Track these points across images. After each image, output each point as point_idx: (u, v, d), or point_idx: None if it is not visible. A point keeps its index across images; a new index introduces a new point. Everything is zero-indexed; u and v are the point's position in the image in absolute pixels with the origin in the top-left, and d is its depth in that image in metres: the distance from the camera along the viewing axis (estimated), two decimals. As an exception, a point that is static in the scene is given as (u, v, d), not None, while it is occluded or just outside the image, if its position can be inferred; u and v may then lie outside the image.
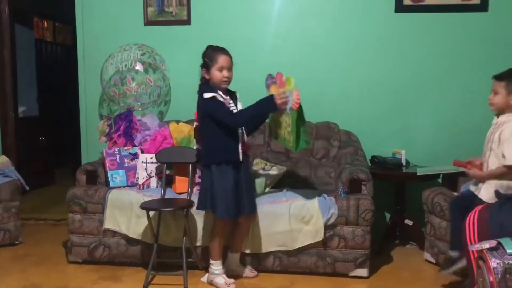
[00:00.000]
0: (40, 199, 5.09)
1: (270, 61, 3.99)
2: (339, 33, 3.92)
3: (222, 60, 2.85)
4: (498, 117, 2.79)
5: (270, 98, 2.81)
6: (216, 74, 2.85)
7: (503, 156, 2.65)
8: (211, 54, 2.88)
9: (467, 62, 3.82)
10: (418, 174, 3.43)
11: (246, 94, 3.23)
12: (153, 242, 3.07)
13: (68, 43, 7.22)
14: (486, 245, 2.17)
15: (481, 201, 2.68)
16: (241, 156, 2.87)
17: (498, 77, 2.78)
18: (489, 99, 2.80)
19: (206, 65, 2.88)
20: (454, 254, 2.83)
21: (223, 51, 2.89)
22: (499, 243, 2.15)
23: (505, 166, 2.65)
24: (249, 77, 3.90)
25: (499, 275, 2.05)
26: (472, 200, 2.75)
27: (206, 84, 2.91)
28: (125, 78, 3.71)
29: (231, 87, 2.99)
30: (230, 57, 2.90)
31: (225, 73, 2.85)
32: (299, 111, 2.77)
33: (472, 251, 2.34)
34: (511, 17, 3.75)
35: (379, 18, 3.85)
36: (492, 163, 2.74)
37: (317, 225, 3.03)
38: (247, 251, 3.11)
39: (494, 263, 2.07)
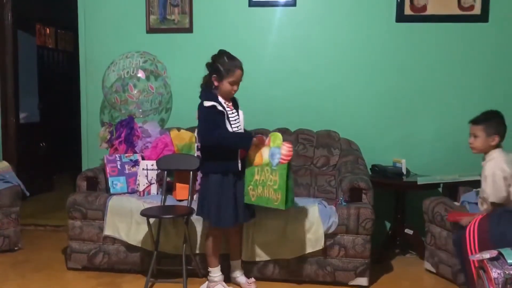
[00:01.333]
0: (40, 205, 5.07)
1: (271, 70, 4.01)
2: (340, 42, 3.94)
3: (237, 75, 2.80)
4: (484, 159, 2.87)
5: (250, 139, 2.78)
6: (227, 87, 2.81)
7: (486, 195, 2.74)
8: (228, 65, 2.79)
9: (467, 72, 3.83)
10: (418, 183, 3.43)
11: (247, 102, 3.25)
12: (153, 249, 3.06)
13: (69, 50, 7.25)
14: (486, 255, 2.17)
15: None
16: (239, 166, 2.85)
17: (475, 122, 2.87)
18: (470, 143, 2.87)
19: (220, 74, 2.81)
20: None
21: (240, 66, 2.82)
22: (500, 253, 2.15)
23: (491, 203, 2.73)
24: (250, 85, 3.91)
25: (500, 285, 2.05)
26: None
27: (208, 90, 2.88)
28: (127, 85, 3.72)
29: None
30: (243, 71, 2.85)
31: (235, 87, 2.83)
32: (289, 166, 2.71)
33: (473, 261, 2.34)
34: (512, 28, 3.78)
35: (380, 27, 3.87)
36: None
37: (317, 234, 3.02)
38: (247, 259, 3.10)
39: (495, 273, 2.07)
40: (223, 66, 2.80)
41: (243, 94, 3.03)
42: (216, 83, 2.84)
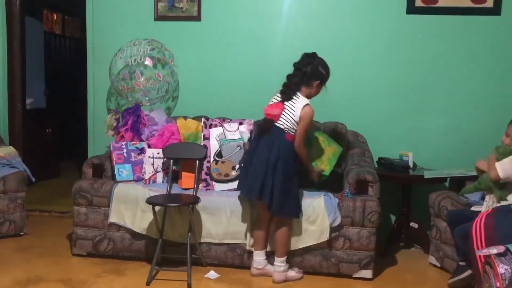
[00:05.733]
0: (45, 191, 5.09)
1: (278, 59, 3.97)
2: (349, 33, 3.90)
3: None
4: None
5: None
6: (318, 92, 3.03)
7: None
8: (328, 71, 3.03)
9: (477, 65, 3.79)
10: (425, 177, 3.41)
11: (255, 91, 3.23)
12: (157, 237, 3.07)
13: (76, 36, 7.23)
14: (494, 250, 2.16)
15: None
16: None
17: None
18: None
19: (323, 80, 3.01)
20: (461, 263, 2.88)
21: None
22: (507, 249, 2.13)
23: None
24: (258, 75, 3.90)
25: (507, 281, 2.04)
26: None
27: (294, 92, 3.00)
28: (134, 72, 3.70)
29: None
30: None
31: None
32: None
33: (479, 256, 2.33)
34: (524, 21, 3.72)
35: (390, 19, 3.83)
36: None
37: (322, 226, 3.02)
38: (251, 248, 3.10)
39: (502, 268, 2.06)
40: (328, 75, 3.04)
41: (250, 83, 3.01)
42: (313, 88, 3.00)
